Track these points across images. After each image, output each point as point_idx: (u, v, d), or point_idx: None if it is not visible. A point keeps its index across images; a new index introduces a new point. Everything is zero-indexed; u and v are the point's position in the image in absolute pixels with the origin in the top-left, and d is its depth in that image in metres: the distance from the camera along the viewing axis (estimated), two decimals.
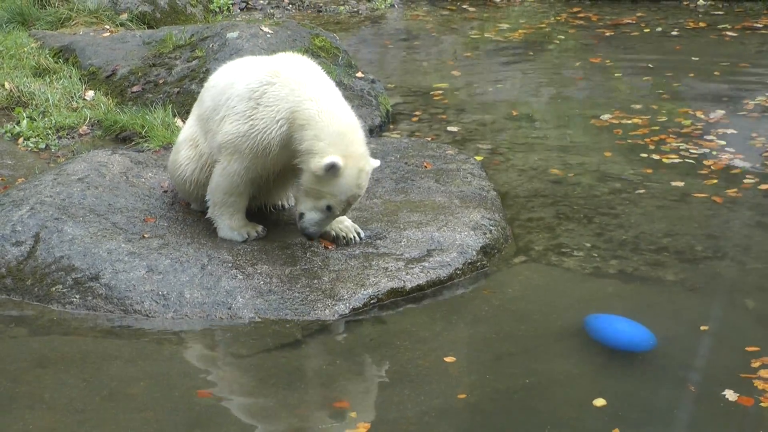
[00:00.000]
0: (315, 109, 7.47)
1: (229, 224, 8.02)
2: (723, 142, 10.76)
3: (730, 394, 6.52)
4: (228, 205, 7.93)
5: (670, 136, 10.97)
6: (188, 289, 7.61)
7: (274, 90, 7.57)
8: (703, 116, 11.53)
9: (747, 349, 7.02)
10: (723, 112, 11.65)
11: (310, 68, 7.78)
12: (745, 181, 9.78)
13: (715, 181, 9.79)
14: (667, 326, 7.40)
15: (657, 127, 11.23)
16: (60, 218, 8.16)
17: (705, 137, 10.91)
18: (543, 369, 6.98)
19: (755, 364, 6.83)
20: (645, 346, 7.12)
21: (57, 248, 7.91)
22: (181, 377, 6.89)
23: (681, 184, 9.72)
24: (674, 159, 10.35)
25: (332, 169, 7.36)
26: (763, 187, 9.63)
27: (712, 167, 10.11)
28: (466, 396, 6.67)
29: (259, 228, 8.08)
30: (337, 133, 7.42)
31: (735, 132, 11.06)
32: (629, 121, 11.47)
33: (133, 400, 6.59)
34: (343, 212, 7.69)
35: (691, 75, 13.16)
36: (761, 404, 6.45)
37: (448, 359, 7.08)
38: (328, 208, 7.54)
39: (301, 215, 7.63)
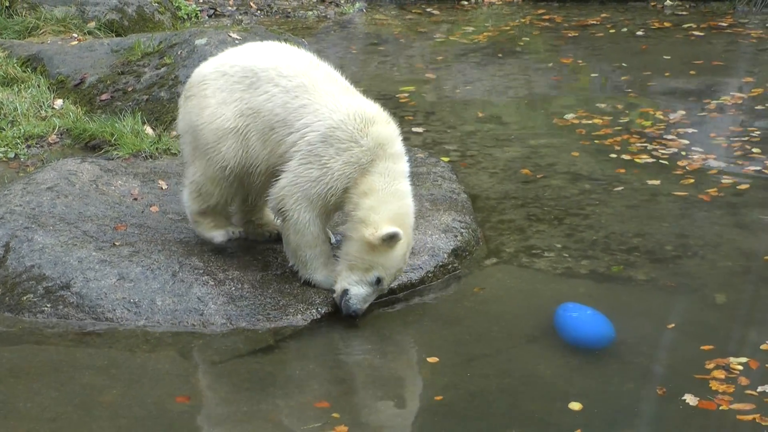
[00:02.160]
0: (382, 185, 7.33)
1: (326, 274, 7.66)
2: (686, 141, 10.82)
3: (690, 398, 6.55)
4: (317, 257, 7.61)
5: (633, 135, 11.01)
6: (160, 296, 7.57)
7: (357, 151, 7.32)
8: (664, 116, 11.59)
9: (703, 347, 7.08)
10: (683, 112, 11.71)
11: (393, 130, 7.53)
12: (723, 181, 9.84)
13: (692, 180, 9.83)
14: (637, 325, 7.42)
15: (620, 128, 11.28)
16: (30, 227, 8.09)
17: (668, 137, 10.95)
18: (516, 370, 6.98)
19: (709, 366, 6.88)
20: (603, 341, 7.21)
21: (27, 257, 7.84)
22: (153, 385, 6.83)
23: (656, 182, 9.76)
24: (647, 159, 10.38)
25: (391, 240, 7.22)
26: (742, 187, 9.68)
27: (687, 167, 10.15)
28: (442, 398, 6.65)
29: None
30: (395, 212, 7.31)
31: (696, 131, 11.13)
32: (595, 121, 11.50)
33: (106, 408, 6.54)
34: (389, 286, 7.54)
35: (658, 74, 13.21)
36: (721, 407, 6.48)
37: (422, 362, 7.08)
38: (378, 281, 7.36)
39: (346, 291, 7.38)
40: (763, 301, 7.79)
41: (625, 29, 15.65)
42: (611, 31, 15.61)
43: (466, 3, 17.60)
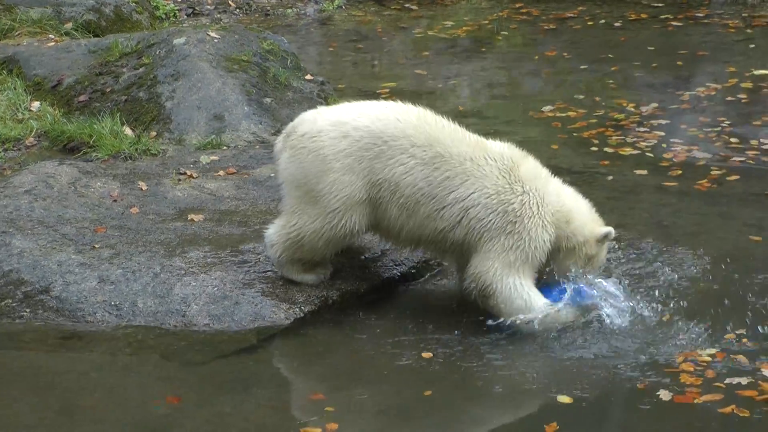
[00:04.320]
0: (568, 202, 7.39)
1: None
2: (662, 133, 10.83)
3: (664, 394, 6.52)
4: (542, 309, 7.38)
5: (609, 129, 11.01)
6: (141, 298, 7.48)
7: (530, 199, 7.25)
8: (637, 108, 11.60)
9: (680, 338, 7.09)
10: (656, 104, 11.71)
11: (529, 159, 7.47)
12: (712, 172, 9.85)
13: (680, 172, 9.82)
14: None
15: (594, 120, 11.29)
16: (8, 231, 7.99)
17: (641, 129, 10.96)
18: (505, 362, 6.97)
19: (679, 358, 6.87)
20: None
21: (5, 262, 7.74)
22: (135, 388, 6.76)
23: (644, 173, 9.75)
24: (630, 151, 10.38)
25: (607, 237, 7.40)
26: (732, 177, 9.68)
27: (674, 159, 10.15)
28: (431, 392, 6.61)
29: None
30: (588, 212, 7.45)
31: (670, 122, 11.13)
32: (569, 114, 11.48)
33: (87, 413, 6.46)
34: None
35: (636, 66, 13.22)
36: (696, 401, 6.44)
37: (414, 358, 7.01)
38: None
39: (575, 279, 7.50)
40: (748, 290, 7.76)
41: (603, 21, 15.62)
42: (589, 23, 15.59)
43: None
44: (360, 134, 7.27)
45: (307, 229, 7.35)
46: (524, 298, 7.23)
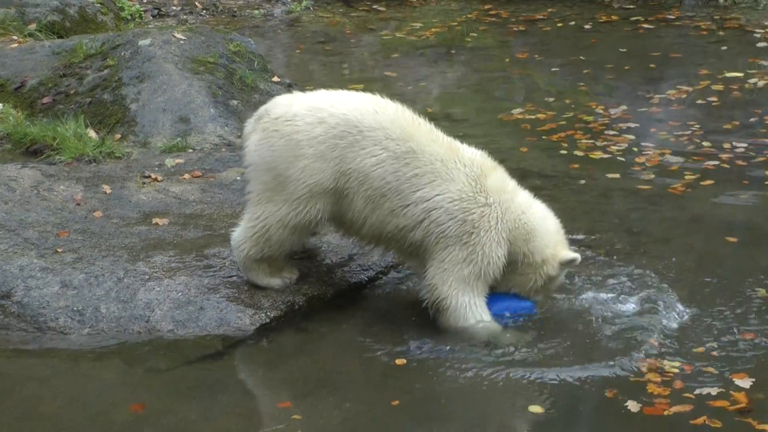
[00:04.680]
0: (532, 219, 7.34)
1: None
2: (632, 136, 10.87)
3: (632, 405, 6.49)
4: (491, 330, 7.38)
5: (578, 131, 11.03)
6: (104, 303, 7.43)
7: (491, 212, 7.22)
8: (605, 111, 11.63)
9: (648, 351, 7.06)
10: (625, 107, 11.75)
11: (499, 171, 7.45)
12: (686, 176, 9.89)
13: (652, 176, 9.85)
14: (580, 325, 7.40)
15: (563, 122, 11.30)
16: None
17: (610, 132, 11.00)
18: (477, 374, 6.91)
19: (644, 368, 6.85)
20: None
21: None
22: (98, 395, 6.70)
23: (616, 176, 9.77)
24: (601, 155, 10.41)
25: (571, 263, 7.43)
26: (707, 182, 9.71)
27: (646, 163, 10.17)
28: (398, 402, 6.58)
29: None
30: (555, 233, 7.41)
31: (638, 126, 11.18)
32: (539, 117, 11.50)
33: (49, 421, 6.40)
34: None
35: (606, 69, 13.26)
36: (666, 412, 6.42)
37: (377, 365, 6.99)
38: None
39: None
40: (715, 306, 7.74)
41: (572, 23, 15.65)
42: (559, 25, 15.63)
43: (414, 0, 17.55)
44: (336, 121, 7.24)
45: (274, 218, 7.30)
46: (477, 319, 7.27)
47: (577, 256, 7.35)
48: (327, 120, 7.24)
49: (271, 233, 7.35)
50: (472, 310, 7.25)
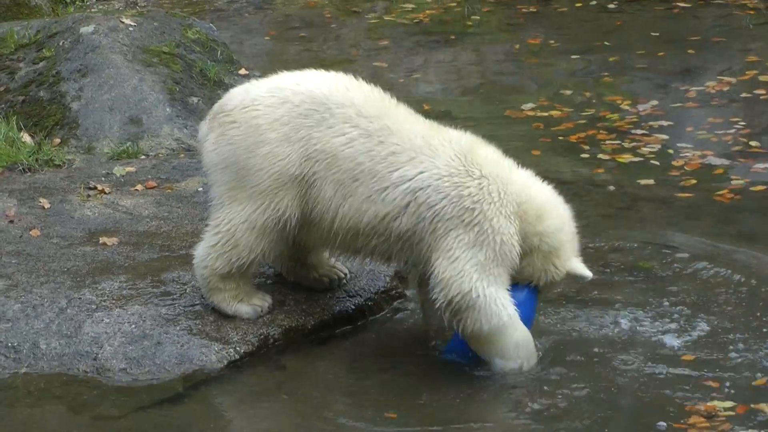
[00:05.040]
0: (541, 196, 7.41)
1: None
2: (665, 136, 10.92)
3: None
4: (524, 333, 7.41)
5: (601, 131, 11.09)
6: (44, 338, 7.48)
7: (490, 183, 7.24)
8: (634, 107, 11.68)
9: (707, 382, 7.12)
10: (656, 102, 11.80)
11: (489, 145, 7.57)
12: (733, 182, 9.93)
13: (694, 182, 9.90)
14: (614, 354, 7.46)
15: (584, 121, 11.36)
16: None
17: (638, 132, 11.06)
18: (498, 414, 7.05)
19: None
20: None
21: None
22: None
23: (650, 182, 9.85)
24: (630, 158, 10.46)
25: (581, 277, 7.44)
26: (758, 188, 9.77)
27: (685, 167, 10.22)
28: None
29: None
30: (569, 221, 7.46)
31: (673, 124, 11.22)
32: (552, 114, 11.57)
33: None
34: None
35: (634, 56, 13.29)
36: None
37: (365, 411, 7.03)
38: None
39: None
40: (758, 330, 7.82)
41: (594, 3, 15.73)
42: (577, 5, 15.69)
43: None
44: (300, 99, 7.35)
45: (239, 218, 7.39)
46: (510, 314, 7.21)
47: (589, 274, 7.37)
48: (290, 99, 7.36)
49: (238, 237, 7.41)
50: (504, 304, 7.20)
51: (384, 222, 7.27)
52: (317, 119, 7.30)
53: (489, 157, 7.37)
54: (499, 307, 7.15)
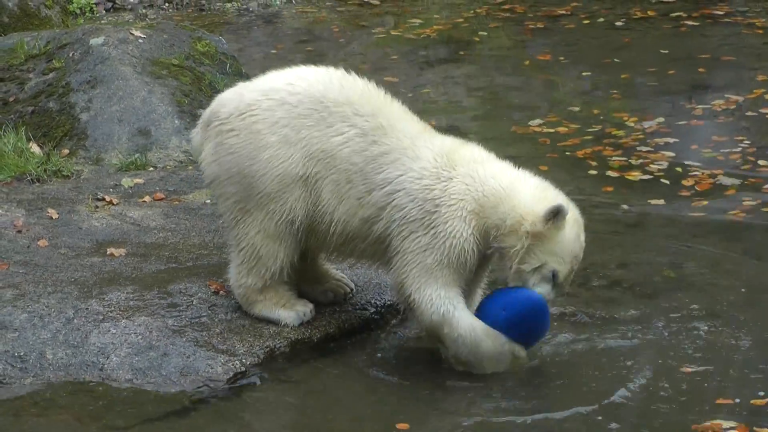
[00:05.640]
0: (505, 180, 7.30)
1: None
2: (671, 154, 10.90)
3: None
4: (468, 329, 7.37)
5: (607, 147, 11.08)
6: (50, 348, 7.48)
7: (454, 185, 7.27)
8: (639, 124, 11.67)
9: (715, 400, 7.09)
10: (662, 119, 11.80)
11: (470, 145, 7.56)
12: (745, 202, 9.91)
13: (705, 202, 9.89)
14: (621, 375, 7.44)
15: (590, 137, 11.35)
16: None
17: (644, 149, 11.04)
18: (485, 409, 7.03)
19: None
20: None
21: None
22: None
23: (660, 202, 9.83)
24: (639, 175, 10.44)
25: (557, 216, 7.14)
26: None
27: (696, 187, 10.21)
28: None
29: None
30: (533, 188, 7.31)
31: (678, 141, 11.22)
32: (564, 129, 11.57)
33: None
34: (567, 280, 7.40)
35: (642, 74, 13.29)
36: None
37: (373, 425, 7.03)
38: (554, 275, 7.27)
39: (533, 285, 7.30)
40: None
41: (601, 19, 15.75)
42: (585, 22, 15.72)
43: None
44: (298, 99, 7.37)
45: (254, 230, 7.43)
46: (441, 313, 7.26)
47: (557, 204, 7.13)
48: (288, 100, 7.39)
49: (258, 248, 7.46)
50: (441, 303, 7.25)
51: (367, 225, 7.35)
52: (316, 119, 7.35)
53: (467, 156, 7.37)
54: (435, 306, 7.24)
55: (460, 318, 7.27)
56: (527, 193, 7.25)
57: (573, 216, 7.27)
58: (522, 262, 7.25)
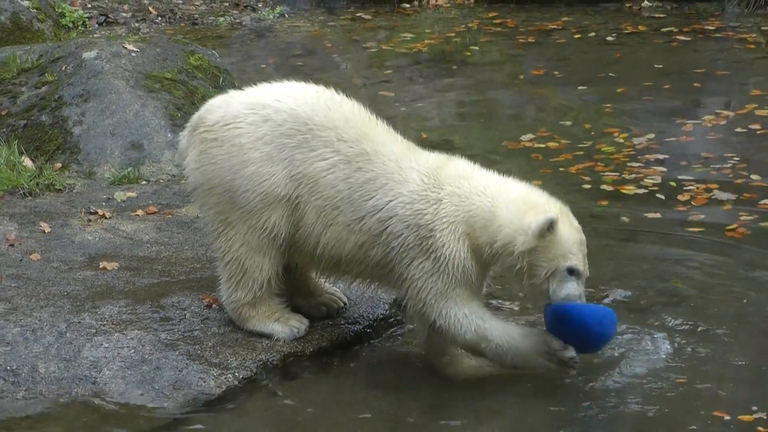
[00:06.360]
0: (490, 198, 7.29)
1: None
2: (663, 169, 10.91)
3: None
4: (501, 335, 7.38)
5: (599, 163, 11.09)
6: (43, 361, 7.46)
7: (444, 207, 7.27)
8: (629, 140, 11.68)
9: (715, 413, 7.08)
10: (652, 135, 11.80)
11: (456, 159, 7.57)
12: (742, 217, 9.91)
13: (701, 216, 9.89)
14: (614, 388, 7.44)
15: (581, 152, 11.35)
16: None
17: (635, 164, 11.05)
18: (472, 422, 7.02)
19: None
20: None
21: None
22: None
23: (656, 216, 9.85)
24: (634, 190, 10.44)
25: (550, 228, 7.11)
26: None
27: (692, 202, 10.21)
28: None
29: None
30: (514, 200, 7.28)
31: (668, 157, 11.22)
32: (555, 145, 11.57)
33: None
34: (585, 267, 7.35)
35: (634, 89, 13.30)
36: None
37: None
38: (571, 271, 7.23)
39: (554, 292, 7.26)
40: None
41: (592, 34, 15.76)
42: (576, 36, 15.73)
43: (408, 6, 17.68)
44: (283, 117, 7.37)
45: (237, 242, 7.45)
46: (473, 331, 7.27)
47: (547, 216, 7.08)
48: (273, 117, 7.38)
49: (243, 261, 7.47)
50: (469, 321, 7.26)
51: (362, 251, 7.34)
52: (299, 140, 7.35)
53: (452, 172, 7.38)
54: (465, 326, 7.26)
55: (492, 329, 7.28)
56: (511, 209, 7.24)
57: (558, 209, 7.27)
58: (531, 277, 7.26)
